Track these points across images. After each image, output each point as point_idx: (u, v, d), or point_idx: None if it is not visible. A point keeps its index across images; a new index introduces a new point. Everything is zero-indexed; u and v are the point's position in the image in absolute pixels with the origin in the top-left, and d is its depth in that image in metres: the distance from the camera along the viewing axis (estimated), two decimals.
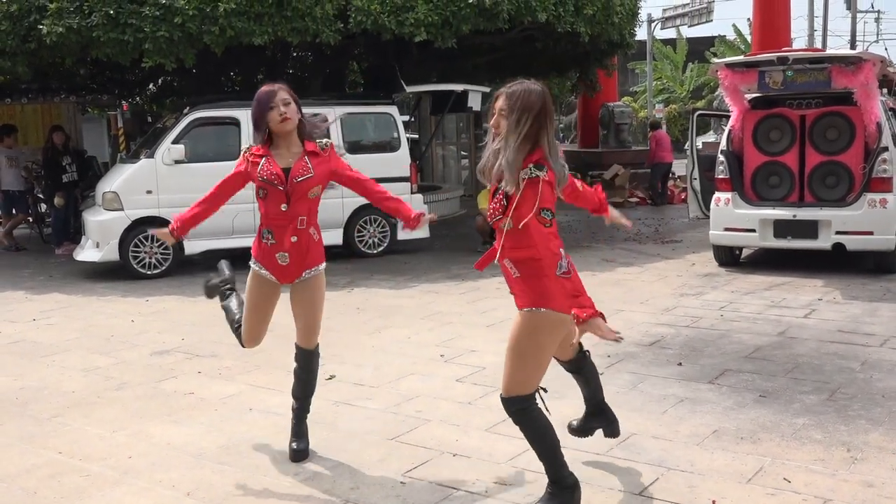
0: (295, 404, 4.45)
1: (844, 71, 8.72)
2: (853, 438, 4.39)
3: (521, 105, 3.31)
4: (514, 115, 3.31)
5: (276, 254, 4.22)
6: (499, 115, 3.36)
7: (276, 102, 4.11)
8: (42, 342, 7.14)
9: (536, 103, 3.33)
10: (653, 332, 6.80)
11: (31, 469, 4.32)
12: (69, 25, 9.67)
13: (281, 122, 4.12)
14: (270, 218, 4.22)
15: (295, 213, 4.18)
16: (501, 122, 3.35)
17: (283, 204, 4.16)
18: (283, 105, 4.11)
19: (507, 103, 3.34)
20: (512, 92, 3.35)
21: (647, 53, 34.99)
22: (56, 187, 12.56)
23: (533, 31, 12.30)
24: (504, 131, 3.34)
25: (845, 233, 8.82)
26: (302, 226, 4.21)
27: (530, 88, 3.36)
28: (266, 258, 4.27)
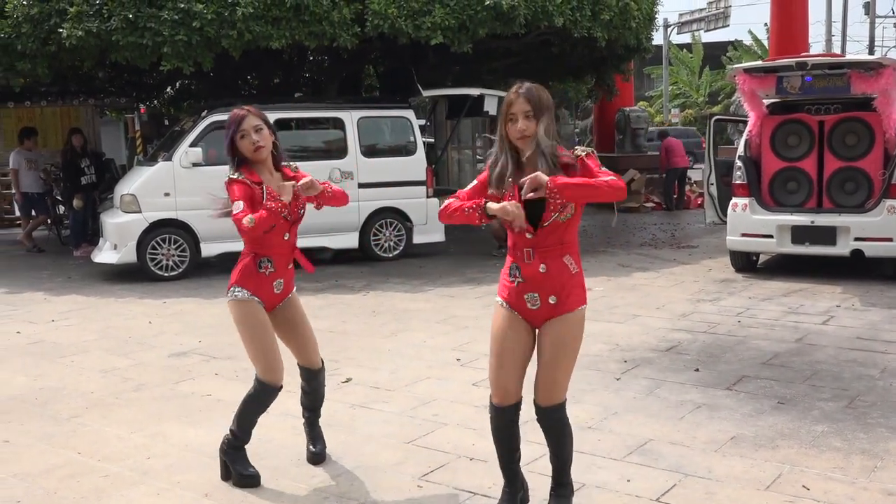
0: (305, 413, 4.44)
1: (864, 76, 8.68)
2: (873, 446, 4.36)
3: (545, 104, 3.28)
4: (544, 113, 3.27)
5: (273, 282, 4.09)
6: (524, 118, 3.25)
7: (245, 130, 3.92)
8: (61, 343, 7.19)
9: (550, 100, 3.33)
10: (669, 338, 6.78)
11: (50, 469, 4.35)
12: (89, 29, 9.75)
13: (255, 151, 3.93)
14: (272, 248, 4.03)
15: (293, 241, 4.10)
16: (528, 124, 3.24)
17: (286, 233, 4.04)
18: (255, 132, 3.91)
19: (531, 105, 3.25)
20: (530, 92, 3.28)
21: (663, 58, 34.92)
22: (75, 189, 12.65)
23: (549, 35, 12.31)
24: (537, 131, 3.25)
25: (864, 239, 8.76)
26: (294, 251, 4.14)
27: (539, 87, 3.33)
28: (262, 287, 4.07)
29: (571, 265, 3.36)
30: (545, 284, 3.34)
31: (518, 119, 3.26)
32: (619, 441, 4.52)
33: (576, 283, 3.37)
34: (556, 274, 3.33)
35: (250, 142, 3.91)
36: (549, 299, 3.34)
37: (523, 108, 3.25)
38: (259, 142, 3.92)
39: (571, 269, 3.36)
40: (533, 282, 3.35)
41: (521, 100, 3.26)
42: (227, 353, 6.65)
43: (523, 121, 3.24)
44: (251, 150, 3.92)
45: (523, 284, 3.36)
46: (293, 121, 11.20)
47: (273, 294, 4.13)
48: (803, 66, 8.94)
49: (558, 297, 3.34)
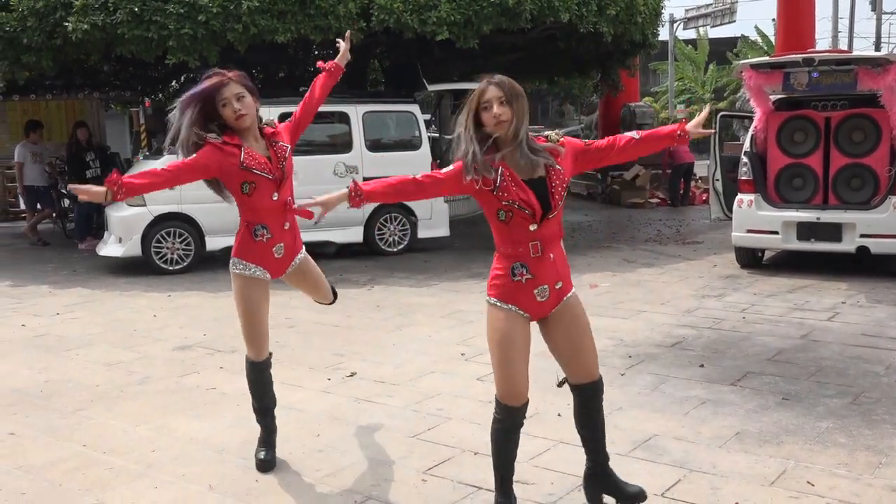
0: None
1: (871, 73, 8.64)
2: (878, 442, 4.35)
3: (517, 91, 3.29)
4: (518, 101, 3.26)
5: (272, 247, 4.06)
6: (498, 103, 3.22)
7: (226, 98, 3.80)
8: (66, 336, 7.20)
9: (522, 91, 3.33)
10: (674, 334, 6.77)
11: (55, 461, 4.36)
12: (94, 22, 9.75)
13: (237, 119, 3.85)
14: (262, 212, 3.99)
15: (283, 199, 4.01)
16: (505, 109, 3.22)
17: (275, 193, 3.96)
18: (237, 100, 3.81)
19: (503, 91, 3.24)
20: (501, 81, 3.27)
21: (668, 54, 34.80)
22: (79, 183, 12.63)
23: (555, 30, 12.28)
24: (511, 116, 3.23)
25: (870, 236, 8.74)
26: (289, 208, 4.04)
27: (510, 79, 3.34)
28: (261, 256, 4.07)
29: (563, 249, 3.50)
30: (553, 273, 3.37)
31: (493, 105, 3.23)
32: (624, 436, 4.51)
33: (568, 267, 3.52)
34: (561, 260, 3.43)
35: (232, 110, 3.81)
36: (556, 286, 3.41)
37: (496, 94, 3.24)
38: (241, 110, 3.82)
39: (564, 251, 3.49)
40: (544, 274, 3.35)
41: (493, 87, 3.25)
42: (232, 346, 6.66)
43: (498, 106, 3.22)
44: (233, 118, 3.83)
45: (532, 280, 3.35)
46: None
47: (275, 260, 4.10)
48: (810, 62, 8.90)
49: (563, 281, 3.43)
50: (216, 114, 3.84)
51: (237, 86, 3.81)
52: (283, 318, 7.58)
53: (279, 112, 10.63)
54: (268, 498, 3.86)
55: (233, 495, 3.90)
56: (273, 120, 4.14)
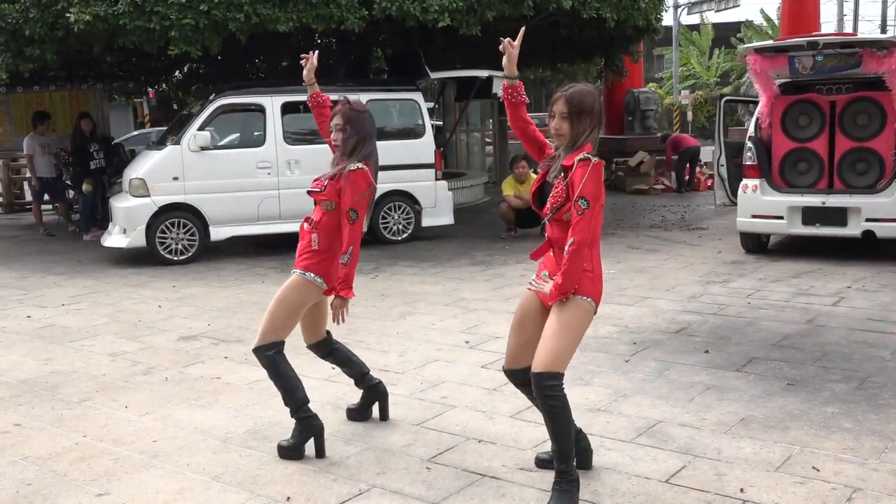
0: None
1: (876, 56, 8.59)
2: (884, 427, 4.34)
3: (586, 108, 3.46)
4: (578, 119, 3.45)
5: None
6: (560, 118, 3.47)
7: (332, 125, 4.27)
8: (71, 327, 7.21)
9: (594, 105, 3.49)
10: (679, 320, 6.76)
11: (61, 452, 4.38)
12: (96, 13, 9.71)
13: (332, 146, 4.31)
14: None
15: (315, 214, 4.29)
16: (563, 125, 3.47)
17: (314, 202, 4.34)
18: (336, 130, 4.24)
19: (568, 107, 3.45)
20: (572, 94, 3.46)
21: (673, 39, 34.64)
22: (84, 174, 12.66)
23: (558, 17, 12.21)
24: (567, 132, 3.47)
25: (875, 220, 8.71)
26: (308, 225, 4.28)
27: (586, 90, 3.51)
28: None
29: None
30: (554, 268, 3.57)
31: (555, 117, 3.49)
32: (629, 423, 4.51)
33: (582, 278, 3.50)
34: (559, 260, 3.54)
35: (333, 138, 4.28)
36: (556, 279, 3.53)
37: (561, 108, 3.47)
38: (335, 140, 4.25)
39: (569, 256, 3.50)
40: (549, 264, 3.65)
41: (562, 101, 3.47)
42: (237, 336, 6.67)
43: (559, 120, 3.48)
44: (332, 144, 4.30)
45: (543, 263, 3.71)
46: (301, 104, 11.14)
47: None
48: (814, 45, 8.84)
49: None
50: None
51: (339, 118, 4.23)
52: None
53: (282, 101, 10.67)
54: (272, 487, 3.87)
55: (237, 484, 3.90)
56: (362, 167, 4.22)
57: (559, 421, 3.48)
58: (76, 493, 3.88)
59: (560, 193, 3.47)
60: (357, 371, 4.65)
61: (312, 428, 4.22)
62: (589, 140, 3.48)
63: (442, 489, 3.78)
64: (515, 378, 3.84)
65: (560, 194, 3.47)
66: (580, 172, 3.38)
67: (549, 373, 3.45)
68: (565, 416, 3.50)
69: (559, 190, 3.47)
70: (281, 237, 10.87)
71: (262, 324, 4.24)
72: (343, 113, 4.21)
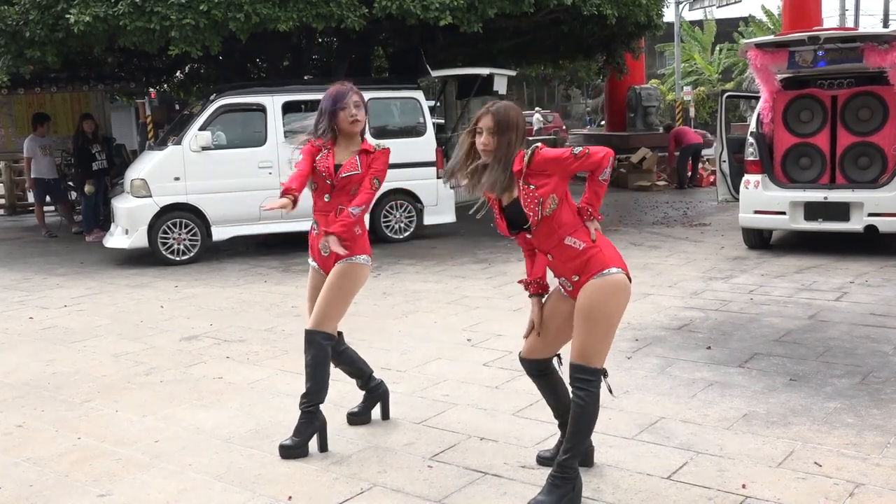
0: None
1: (877, 50, 8.57)
2: (886, 422, 4.33)
3: (508, 124, 3.46)
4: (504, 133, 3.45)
5: (319, 243, 4.31)
6: (487, 133, 3.46)
7: (347, 103, 4.27)
8: (73, 328, 7.22)
9: (518, 120, 3.50)
10: (681, 316, 6.75)
11: (63, 453, 4.38)
12: (96, 14, 9.72)
13: (351, 123, 4.29)
14: (316, 208, 4.37)
15: (335, 204, 4.30)
16: (490, 139, 3.45)
17: (327, 195, 4.31)
18: (355, 108, 4.28)
19: (495, 122, 3.44)
20: (497, 110, 3.47)
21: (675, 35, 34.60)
22: (86, 175, 12.66)
23: (559, 13, 12.20)
24: (493, 148, 3.46)
25: (878, 215, 8.69)
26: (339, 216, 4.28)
27: (510, 105, 3.54)
28: (313, 249, 4.42)
29: (576, 243, 3.49)
30: (561, 269, 3.58)
31: (483, 133, 3.48)
32: (631, 420, 4.50)
33: (589, 255, 3.50)
34: (564, 259, 3.53)
35: (349, 114, 4.26)
36: (573, 278, 3.55)
37: (488, 124, 3.46)
38: (356, 115, 4.29)
39: (577, 246, 3.49)
40: (555, 269, 3.62)
41: (489, 116, 3.47)
42: (239, 336, 6.67)
43: (486, 135, 3.46)
44: (349, 122, 4.28)
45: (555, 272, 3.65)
46: (303, 103, 11.16)
47: (321, 256, 4.36)
48: (816, 40, 8.83)
49: (580, 275, 3.51)
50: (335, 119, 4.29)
51: (356, 95, 4.31)
52: (289, 307, 7.60)
53: (283, 101, 10.67)
54: (274, 487, 3.87)
55: (239, 484, 3.90)
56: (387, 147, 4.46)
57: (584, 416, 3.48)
58: (78, 494, 3.88)
59: (533, 196, 3.42)
60: (361, 373, 4.64)
61: (316, 422, 4.23)
62: (517, 152, 3.49)
63: (444, 487, 3.78)
64: (530, 367, 3.80)
65: (533, 197, 3.42)
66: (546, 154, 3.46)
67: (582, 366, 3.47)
68: (589, 413, 3.49)
69: (529, 195, 3.42)
70: (282, 237, 10.89)
71: (316, 310, 4.28)
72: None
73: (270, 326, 6.96)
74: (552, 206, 3.43)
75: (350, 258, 4.25)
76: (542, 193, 3.42)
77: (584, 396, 3.45)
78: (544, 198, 3.42)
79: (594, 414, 3.51)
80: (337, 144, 4.36)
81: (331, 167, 4.29)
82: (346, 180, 4.28)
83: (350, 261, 4.27)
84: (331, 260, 4.33)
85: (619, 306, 3.51)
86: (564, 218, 3.49)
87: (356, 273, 4.30)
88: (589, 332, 3.46)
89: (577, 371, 3.47)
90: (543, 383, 3.79)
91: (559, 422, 3.89)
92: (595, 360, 3.48)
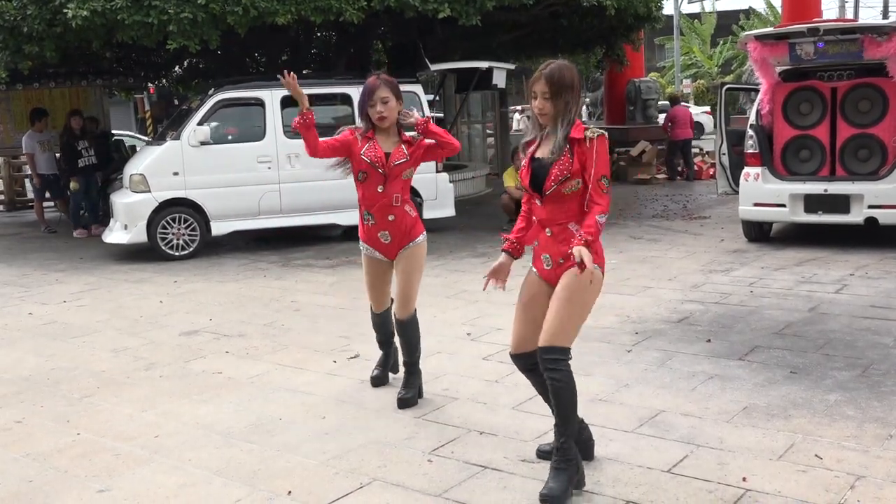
0: (403, 363, 4.88)
1: (877, 42, 8.54)
2: (887, 415, 4.32)
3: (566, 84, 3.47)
4: (559, 95, 3.46)
5: (377, 233, 4.63)
6: (542, 98, 3.48)
7: (374, 100, 4.46)
8: (73, 323, 7.21)
9: (573, 80, 3.50)
10: (681, 309, 6.74)
11: (62, 448, 4.37)
12: (94, 8, 9.68)
13: (377, 120, 4.50)
14: (368, 200, 4.59)
15: (390, 194, 4.55)
16: (546, 104, 3.48)
17: (380, 185, 4.53)
18: (381, 104, 4.45)
19: (549, 86, 3.45)
20: (551, 72, 3.47)
21: (674, 28, 34.56)
22: (72, 172, 12.61)
23: (558, 6, 12.17)
24: (550, 112, 3.48)
25: (878, 207, 8.67)
26: (397, 203, 4.59)
27: (564, 65, 3.53)
28: (371, 239, 4.68)
29: (578, 231, 3.51)
30: (554, 248, 3.60)
31: (537, 98, 3.51)
32: (631, 413, 4.50)
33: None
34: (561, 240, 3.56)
35: (376, 112, 4.48)
36: (559, 260, 3.59)
37: (542, 88, 3.48)
38: (383, 112, 4.47)
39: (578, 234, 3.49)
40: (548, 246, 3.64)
41: (542, 80, 3.48)
42: (238, 330, 6.66)
43: (541, 100, 3.50)
44: (375, 118, 4.51)
45: (539, 247, 3.71)
46: None
47: (384, 244, 4.69)
48: (815, 31, 8.80)
49: (566, 260, 3.54)
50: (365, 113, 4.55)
51: (385, 90, 4.48)
52: (288, 302, 7.59)
53: (281, 95, 10.63)
54: (274, 481, 3.86)
55: (239, 479, 3.90)
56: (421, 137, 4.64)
57: (563, 396, 3.52)
58: (78, 490, 3.87)
59: (566, 166, 3.47)
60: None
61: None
62: (576, 114, 3.51)
63: (444, 482, 3.77)
64: (522, 362, 3.79)
65: (565, 167, 3.47)
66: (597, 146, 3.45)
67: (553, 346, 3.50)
68: (568, 391, 3.53)
69: (565, 163, 3.48)
70: (281, 232, 10.88)
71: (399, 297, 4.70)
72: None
73: (270, 321, 6.95)
74: (573, 187, 3.49)
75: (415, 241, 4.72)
76: (573, 170, 3.47)
77: (558, 377, 3.51)
78: (572, 175, 3.47)
79: (573, 390, 3.56)
80: (378, 134, 4.58)
81: (381, 155, 4.50)
82: (398, 168, 4.53)
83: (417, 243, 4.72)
84: (393, 246, 4.65)
85: (593, 298, 3.61)
86: (580, 205, 3.54)
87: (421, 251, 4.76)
88: (565, 313, 3.52)
89: (548, 353, 3.51)
90: (537, 378, 3.78)
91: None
92: (566, 341, 3.55)
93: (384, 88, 4.48)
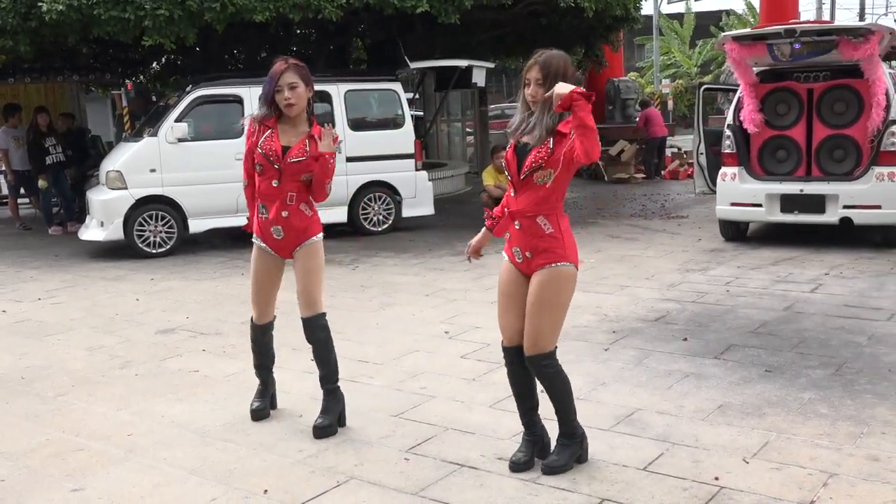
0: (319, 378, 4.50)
1: (852, 43, 8.62)
2: (859, 412, 4.36)
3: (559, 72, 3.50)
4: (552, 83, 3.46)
5: (270, 228, 4.28)
6: (535, 84, 3.52)
7: (281, 85, 4.11)
8: (47, 321, 7.15)
9: (566, 68, 3.54)
10: (658, 308, 6.77)
11: (35, 447, 4.33)
12: (69, 3, 9.59)
13: (286, 107, 4.16)
14: (263, 192, 4.27)
15: (284, 190, 4.22)
16: (539, 91, 3.51)
17: (275, 180, 4.21)
18: (289, 89, 4.10)
19: (542, 73, 3.49)
20: (545, 60, 3.51)
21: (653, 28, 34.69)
22: (40, 169, 12.48)
23: (537, 6, 12.20)
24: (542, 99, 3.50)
25: (853, 207, 8.75)
26: (291, 202, 4.25)
27: (557, 54, 3.56)
28: (263, 232, 4.33)
29: (545, 225, 3.58)
30: (521, 241, 3.64)
31: (530, 85, 3.55)
32: (607, 411, 4.51)
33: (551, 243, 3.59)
34: (529, 233, 3.60)
35: (283, 97, 4.12)
36: (526, 254, 3.64)
37: (535, 75, 3.52)
38: (290, 99, 4.12)
39: (545, 229, 3.58)
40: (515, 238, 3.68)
41: (536, 67, 3.52)
42: (215, 329, 6.63)
43: (534, 87, 3.53)
44: (283, 105, 4.15)
45: (510, 239, 3.73)
46: None
47: (276, 240, 4.32)
48: (792, 33, 8.86)
49: (533, 255, 3.60)
50: (271, 100, 4.17)
51: (293, 75, 4.12)
52: None
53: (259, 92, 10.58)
54: (249, 480, 3.84)
55: (214, 478, 3.88)
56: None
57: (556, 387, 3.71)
58: (51, 489, 3.84)
59: (543, 154, 3.51)
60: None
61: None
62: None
63: (420, 480, 3.77)
64: (515, 355, 3.76)
65: (542, 155, 3.51)
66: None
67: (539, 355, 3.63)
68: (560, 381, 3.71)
69: (543, 151, 3.51)
70: None
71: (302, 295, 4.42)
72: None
73: (247, 319, 6.88)
74: (545, 177, 3.52)
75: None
76: (550, 160, 3.50)
77: (550, 375, 3.68)
78: (546, 164, 3.50)
79: (564, 380, 3.74)
80: (282, 122, 4.22)
81: (277, 149, 4.17)
82: (294, 166, 4.18)
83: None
84: (285, 244, 4.30)
85: (568, 296, 3.66)
86: (549, 199, 3.57)
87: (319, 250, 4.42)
88: (542, 321, 3.60)
89: (535, 361, 3.65)
90: (523, 371, 3.77)
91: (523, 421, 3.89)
92: (549, 345, 3.65)
93: (292, 73, 4.09)
